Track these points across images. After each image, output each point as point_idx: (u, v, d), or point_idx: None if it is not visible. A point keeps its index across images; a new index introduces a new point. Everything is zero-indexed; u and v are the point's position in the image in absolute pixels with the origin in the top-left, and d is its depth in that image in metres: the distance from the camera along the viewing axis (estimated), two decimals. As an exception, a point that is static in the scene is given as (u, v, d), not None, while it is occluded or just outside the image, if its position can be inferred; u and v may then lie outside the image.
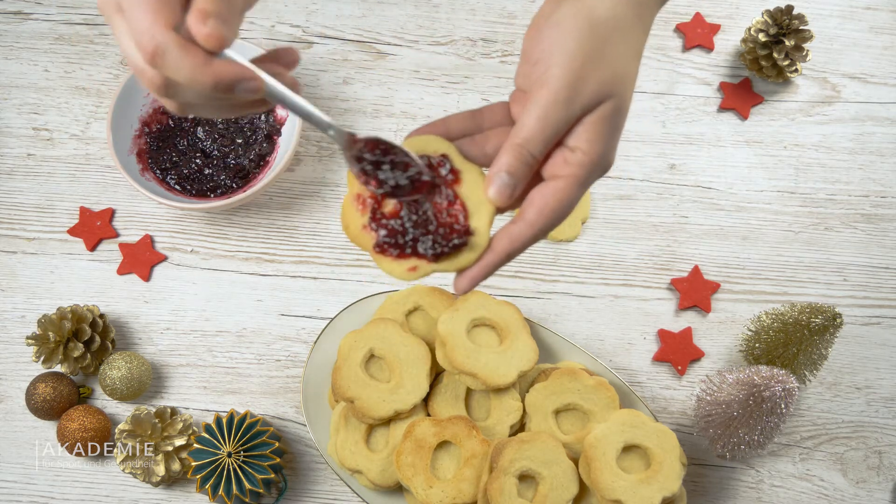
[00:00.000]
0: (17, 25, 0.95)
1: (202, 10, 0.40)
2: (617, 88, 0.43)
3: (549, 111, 0.42)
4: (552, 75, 0.42)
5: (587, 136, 0.43)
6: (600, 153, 0.44)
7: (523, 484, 0.71)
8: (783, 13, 0.91)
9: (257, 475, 0.74)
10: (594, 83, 0.43)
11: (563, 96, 0.42)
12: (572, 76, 0.42)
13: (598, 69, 0.42)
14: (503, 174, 0.44)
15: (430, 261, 0.47)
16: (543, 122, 0.43)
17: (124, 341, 0.84)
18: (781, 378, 0.71)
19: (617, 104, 0.44)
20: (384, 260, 0.47)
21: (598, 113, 0.43)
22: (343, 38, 0.95)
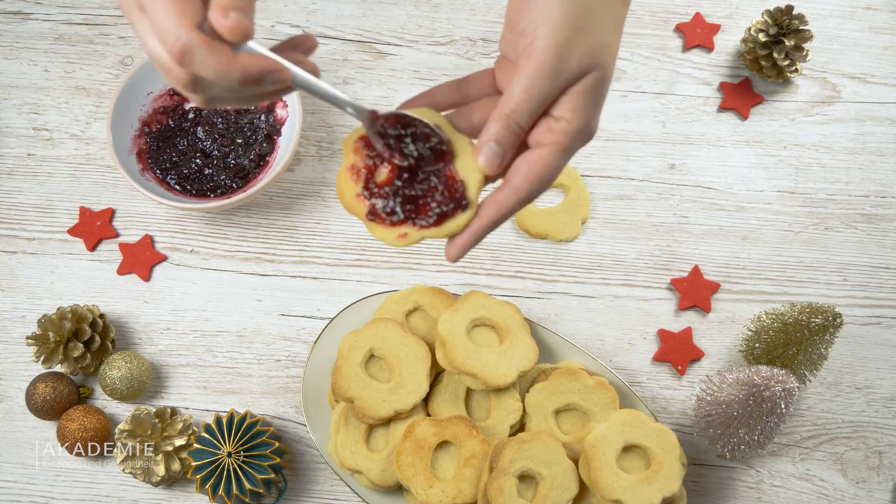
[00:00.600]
0: (17, 25, 0.95)
1: (222, 4, 0.41)
2: (600, 60, 0.44)
3: (535, 83, 0.44)
4: (538, 47, 0.43)
5: (571, 106, 0.45)
6: (584, 122, 0.45)
7: (523, 484, 0.71)
8: (783, 13, 0.91)
9: (257, 475, 0.74)
10: (579, 55, 0.44)
11: (549, 68, 0.43)
12: (558, 49, 0.43)
13: (583, 42, 0.43)
14: (492, 143, 0.45)
15: (420, 227, 0.48)
16: (530, 93, 0.44)
17: (124, 341, 0.84)
18: (781, 378, 0.71)
19: (600, 75, 0.45)
20: (376, 227, 0.49)
21: (583, 84, 0.45)
22: (343, 38, 0.95)
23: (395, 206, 0.48)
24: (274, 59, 0.43)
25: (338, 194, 0.49)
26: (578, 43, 0.43)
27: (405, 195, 0.48)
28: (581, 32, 0.44)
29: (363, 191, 0.49)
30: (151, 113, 0.87)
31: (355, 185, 0.49)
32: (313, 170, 0.90)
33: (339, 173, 0.49)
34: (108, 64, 0.94)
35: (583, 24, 0.44)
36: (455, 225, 0.48)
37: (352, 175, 0.49)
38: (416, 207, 0.48)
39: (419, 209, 0.48)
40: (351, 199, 0.49)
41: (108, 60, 0.94)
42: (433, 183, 0.48)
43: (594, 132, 0.47)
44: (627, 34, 0.95)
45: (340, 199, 0.49)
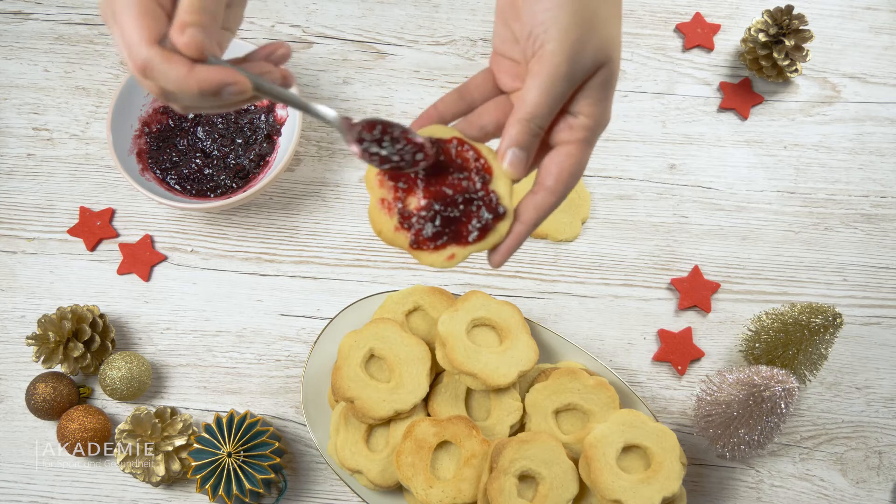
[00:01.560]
0: (17, 25, 0.95)
1: (182, 21, 0.43)
2: (609, 54, 0.46)
3: (552, 85, 0.44)
4: (550, 51, 0.44)
5: (588, 102, 0.46)
6: (602, 113, 0.47)
7: (523, 484, 0.71)
8: (783, 13, 0.91)
9: (257, 475, 0.74)
10: (591, 54, 0.45)
11: (564, 70, 0.44)
12: (570, 50, 0.44)
13: (593, 39, 0.44)
14: (515, 148, 0.46)
15: (465, 245, 0.48)
16: (547, 95, 0.45)
17: (124, 341, 0.84)
18: (781, 378, 0.71)
19: (611, 68, 0.46)
20: (422, 254, 0.49)
21: (596, 79, 0.46)
22: (343, 38, 0.95)
23: (437, 230, 0.48)
24: (232, 71, 0.44)
25: (375, 231, 0.49)
26: (589, 42, 0.44)
27: (443, 217, 0.48)
28: (590, 32, 0.44)
29: (400, 222, 0.49)
30: (151, 113, 0.87)
31: (390, 218, 0.49)
32: (313, 170, 0.90)
33: (370, 209, 0.49)
34: (108, 64, 0.94)
35: (591, 24, 0.44)
36: (498, 235, 0.48)
37: (383, 209, 0.49)
38: (457, 226, 0.48)
39: (460, 227, 0.48)
40: (390, 233, 0.49)
41: (108, 60, 0.94)
42: (467, 198, 0.48)
43: (609, 120, 0.48)
44: (627, 34, 0.95)
45: (379, 235, 0.49)
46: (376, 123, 0.48)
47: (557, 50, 0.44)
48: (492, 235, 0.48)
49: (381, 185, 0.49)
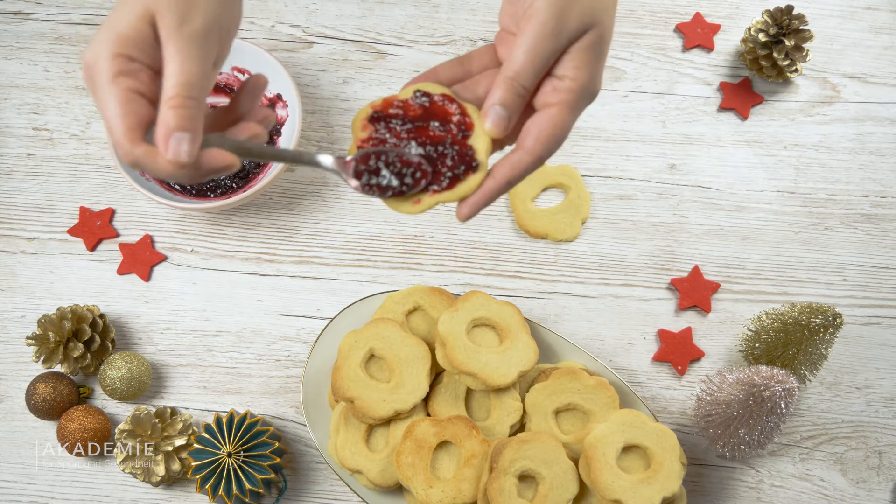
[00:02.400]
0: (17, 25, 0.95)
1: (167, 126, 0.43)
2: (599, 17, 0.45)
3: (537, 43, 0.44)
4: (538, 8, 0.44)
5: (574, 65, 0.46)
6: (588, 79, 0.46)
7: (523, 484, 0.71)
8: (783, 13, 0.91)
9: (257, 475, 0.74)
10: (578, 13, 0.44)
11: (550, 28, 0.44)
12: (557, 8, 0.44)
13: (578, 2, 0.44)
14: (497, 107, 0.46)
15: (433, 192, 0.49)
16: (532, 53, 0.45)
17: (124, 341, 0.84)
18: (781, 378, 0.71)
19: (600, 32, 0.46)
20: (391, 199, 0.49)
21: (584, 42, 0.45)
22: (343, 38, 0.95)
23: None
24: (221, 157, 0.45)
25: None
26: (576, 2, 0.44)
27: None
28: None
29: None
30: (151, 113, 0.87)
31: None
32: (313, 170, 0.90)
33: (350, 150, 0.50)
34: (108, 64, 0.94)
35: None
36: (467, 187, 0.48)
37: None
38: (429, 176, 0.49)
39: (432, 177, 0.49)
40: None
41: (108, 60, 0.94)
42: (442, 150, 0.49)
43: (598, 90, 0.47)
44: (627, 34, 0.95)
45: None
46: (369, 155, 0.48)
47: (544, 7, 0.44)
48: (461, 186, 0.48)
49: (363, 129, 0.50)
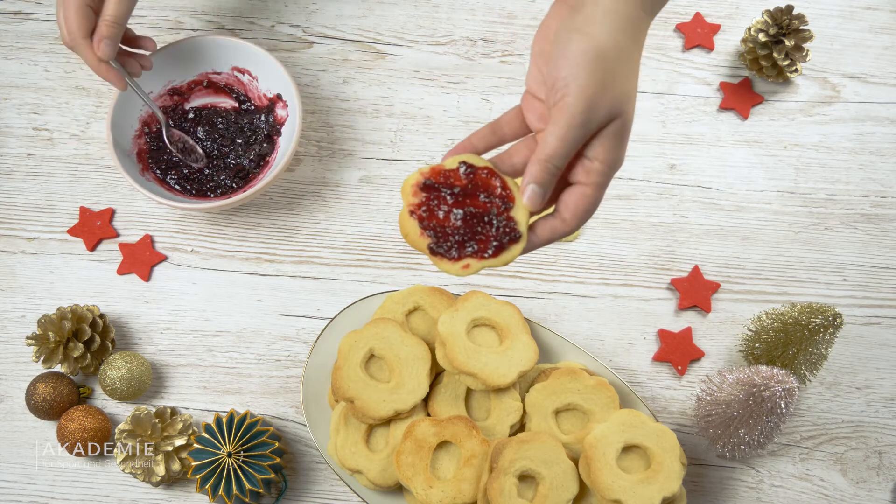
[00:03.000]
0: (17, 25, 0.95)
1: (100, 33, 0.73)
2: (622, 108, 0.52)
3: (568, 133, 0.51)
4: (569, 104, 0.50)
5: (603, 149, 0.53)
6: (615, 159, 0.53)
7: (523, 484, 0.71)
8: (783, 13, 0.91)
9: (257, 475, 0.74)
10: (605, 107, 0.51)
11: (580, 120, 0.51)
12: (586, 104, 0.50)
13: (607, 95, 0.51)
14: (534, 185, 0.53)
15: (480, 259, 0.55)
16: (564, 141, 0.51)
17: (124, 341, 0.84)
18: (781, 378, 0.71)
19: (624, 120, 0.53)
20: (441, 261, 0.55)
21: (610, 129, 0.52)
22: (343, 38, 0.95)
23: (458, 242, 0.54)
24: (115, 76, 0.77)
25: (402, 234, 0.55)
26: (603, 97, 0.51)
27: (465, 232, 0.54)
28: (605, 88, 0.51)
29: (425, 230, 0.54)
30: (151, 113, 0.87)
31: (417, 225, 0.55)
32: (313, 170, 0.90)
33: (401, 214, 0.55)
34: (108, 64, 0.94)
35: (607, 81, 0.51)
36: (510, 255, 0.55)
37: (413, 216, 0.55)
38: (476, 242, 0.54)
39: (478, 243, 0.54)
40: (415, 237, 0.55)
41: (108, 60, 0.94)
42: (488, 219, 0.54)
43: (622, 163, 0.54)
44: (627, 34, 0.95)
45: (405, 238, 0.55)
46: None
47: (574, 102, 0.50)
48: (505, 254, 0.54)
49: (414, 194, 0.55)
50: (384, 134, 0.91)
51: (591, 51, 0.50)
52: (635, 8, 0.52)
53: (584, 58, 0.50)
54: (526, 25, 0.96)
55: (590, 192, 0.54)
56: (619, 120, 0.52)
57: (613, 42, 0.51)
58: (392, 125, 0.92)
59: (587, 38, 0.51)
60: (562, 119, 0.51)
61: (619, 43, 0.51)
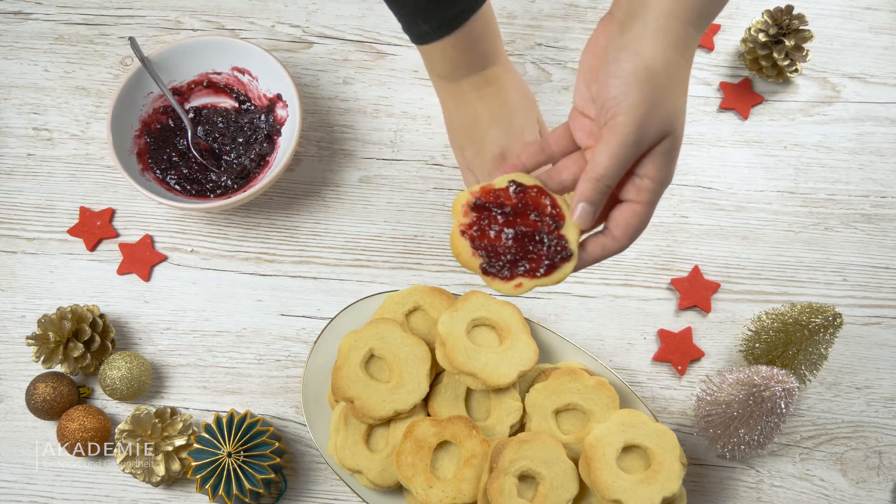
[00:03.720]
0: (17, 25, 0.95)
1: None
2: (673, 126, 0.52)
3: (620, 152, 0.51)
4: (620, 123, 0.50)
5: (654, 166, 0.52)
6: (665, 177, 0.53)
7: (523, 484, 0.71)
8: (783, 13, 0.91)
9: (257, 475, 0.74)
10: (656, 126, 0.51)
11: (632, 139, 0.50)
12: (638, 123, 0.50)
13: (658, 114, 0.51)
14: (584, 204, 0.53)
15: (532, 278, 0.54)
16: (615, 160, 0.51)
17: (124, 341, 0.84)
18: (781, 378, 0.71)
19: (674, 137, 0.52)
20: (493, 280, 0.55)
21: (661, 147, 0.52)
22: (343, 38, 0.95)
23: (509, 262, 0.54)
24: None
25: (454, 254, 0.55)
26: (654, 116, 0.51)
27: (516, 251, 0.54)
28: (656, 107, 0.51)
29: (477, 250, 0.55)
30: (151, 113, 0.87)
31: (469, 245, 0.55)
32: (313, 170, 0.90)
33: (453, 233, 0.55)
34: (108, 64, 0.94)
35: (658, 100, 0.51)
36: (562, 274, 0.54)
37: (464, 235, 0.55)
38: (527, 261, 0.54)
39: (530, 262, 0.54)
40: (467, 256, 0.55)
41: (108, 60, 0.94)
42: (539, 238, 0.54)
43: (671, 180, 0.54)
44: (627, 34, 0.95)
45: (457, 258, 0.55)
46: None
47: (626, 122, 0.50)
48: (557, 273, 0.54)
49: (465, 214, 0.55)
50: (384, 134, 0.91)
51: (641, 70, 0.50)
52: (684, 25, 0.51)
53: (635, 77, 0.50)
54: (526, 25, 0.96)
55: (640, 209, 0.53)
56: (669, 138, 0.52)
57: (664, 61, 0.51)
58: (392, 125, 0.92)
59: (638, 56, 0.50)
60: (613, 139, 0.51)
61: (669, 61, 0.51)
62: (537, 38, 0.95)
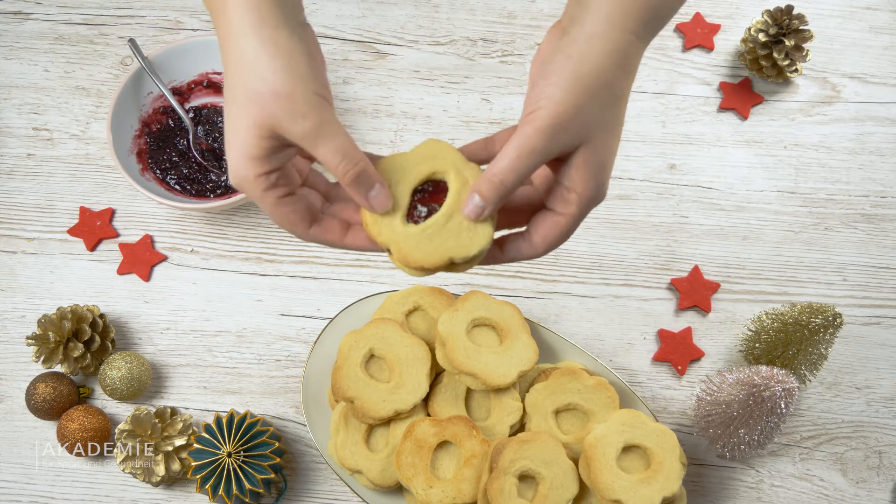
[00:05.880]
0: (17, 25, 0.95)
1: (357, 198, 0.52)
2: (594, 135, 0.50)
3: (523, 154, 0.49)
4: (535, 117, 0.48)
5: (579, 179, 0.50)
6: (593, 191, 0.51)
7: (523, 484, 0.71)
8: (783, 13, 0.91)
9: (257, 475, 0.74)
10: (573, 130, 0.49)
11: (541, 138, 0.48)
12: (553, 121, 0.48)
13: (579, 118, 0.49)
14: (476, 196, 0.50)
15: None
16: (517, 162, 0.49)
17: (124, 341, 0.84)
18: (781, 378, 0.71)
19: (597, 149, 0.50)
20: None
21: (582, 157, 0.50)
22: (343, 38, 0.95)
23: None
24: (371, 244, 0.54)
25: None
26: (574, 120, 0.48)
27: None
28: (578, 111, 0.48)
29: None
30: (151, 113, 0.87)
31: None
32: (313, 170, 0.90)
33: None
34: (108, 64, 0.94)
35: (582, 104, 0.48)
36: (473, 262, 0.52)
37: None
38: None
39: None
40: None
41: (108, 60, 0.94)
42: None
43: (604, 196, 0.52)
44: (627, 34, 0.95)
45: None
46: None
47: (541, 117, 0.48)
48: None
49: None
50: (384, 134, 0.91)
51: (569, 73, 0.49)
52: (624, 32, 0.49)
53: (561, 78, 0.49)
54: (526, 25, 0.96)
55: (563, 222, 0.52)
56: (589, 147, 0.50)
57: (596, 66, 0.49)
58: (392, 125, 0.92)
59: (569, 60, 0.49)
60: (523, 132, 0.49)
61: (602, 68, 0.49)
62: (537, 38, 0.95)
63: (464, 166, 0.53)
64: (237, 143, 0.51)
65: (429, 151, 0.53)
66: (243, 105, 0.51)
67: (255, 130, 0.50)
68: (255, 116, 0.50)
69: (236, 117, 0.51)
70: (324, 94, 0.52)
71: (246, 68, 0.50)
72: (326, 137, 0.51)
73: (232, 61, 0.51)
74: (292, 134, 0.50)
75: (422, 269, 0.52)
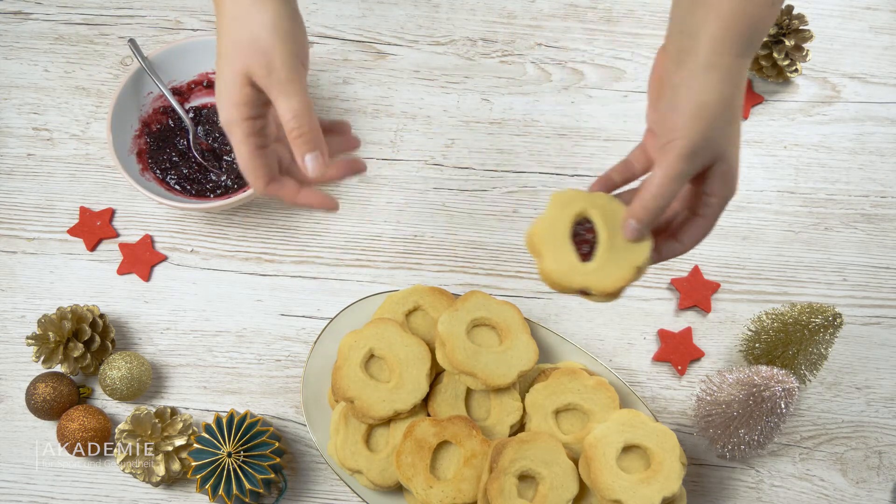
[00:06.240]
0: (17, 25, 0.95)
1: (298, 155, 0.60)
2: (725, 152, 0.57)
3: (668, 181, 0.56)
4: (675, 146, 0.56)
5: (717, 187, 0.59)
6: (729, 192, 0.59)
7: (523, 484, 0.71)
8: (783, 13, 0.91)
9: (257, 475, 0.74)
10: (708, 154, 0.57)
11: (681, 169, 0.56)
12: (689, 151, 0.56)
13: (710, 143, 0.56)
14: (632, 220, 0.58)
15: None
16: (665, 188, 0.56)
17: (124, 341, 0.84)
18: (781, 378, 0.71)
19: (727, 161, 0.58)
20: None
21: (717, 170, 0.58)
22: (343, 38, 0.95)
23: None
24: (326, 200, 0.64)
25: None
26: (706, 146, 0.56)
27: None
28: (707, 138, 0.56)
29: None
30: (151, 113, 0.87)
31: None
32: (313, 170, 0.90)
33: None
34: (108, 64, 0.94)
35: (709, 130, 0.56)
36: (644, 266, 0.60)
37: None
38: None
39: None
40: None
41: (108, 60, 0.94)
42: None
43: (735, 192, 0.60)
44: (628, 34, 0.95)
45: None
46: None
47: (678, 153, 0.55)
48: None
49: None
50: (384, 134, 0.91)
51: (695, 107, 0.55)
52: (731, 57, 0.55)
53: (690, 113, 0.55)
54: (526, 25, 0.96)
55: (706, 223, 0.61)
56: (721, 162, 0.57)
57: (717, 95, 0.55)
58: (392, 125, 0.92)
59: (692, 92, 0.55)
60: (666, 165, 0.56)
61: (722, 94, 0.55)
62: (537, 37, 0.95)
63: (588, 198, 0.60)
64: (224, 90, 0.59)
65: (559, 203, 0.60)
66: (228, 55, 0.58)
67: (238, 78, 0.58)
68: (236, 65, 0.58)
69: (223, 66, 0.59)
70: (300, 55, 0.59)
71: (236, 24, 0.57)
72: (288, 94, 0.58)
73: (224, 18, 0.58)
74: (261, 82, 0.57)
75: (620, 290, 0.59)
